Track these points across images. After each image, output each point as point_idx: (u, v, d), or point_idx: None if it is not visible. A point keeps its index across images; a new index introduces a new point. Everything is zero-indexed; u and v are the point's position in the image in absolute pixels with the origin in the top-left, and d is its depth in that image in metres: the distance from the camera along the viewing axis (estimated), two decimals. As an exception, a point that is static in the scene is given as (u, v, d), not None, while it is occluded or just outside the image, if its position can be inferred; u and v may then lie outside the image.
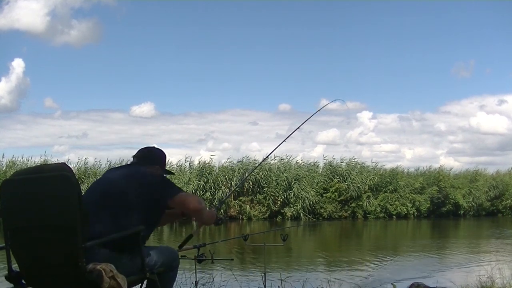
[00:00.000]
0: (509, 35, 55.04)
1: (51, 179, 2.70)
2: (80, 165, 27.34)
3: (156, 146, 3.85)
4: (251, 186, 27.33)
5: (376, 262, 12.34)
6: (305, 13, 49.76)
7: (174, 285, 6.08)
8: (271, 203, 27.21)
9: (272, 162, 29.39)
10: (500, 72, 50.56)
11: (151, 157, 3.66)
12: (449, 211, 31.57)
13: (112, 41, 47.85)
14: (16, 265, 2.86)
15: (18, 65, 39.88)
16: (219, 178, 26.88)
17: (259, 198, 27.39)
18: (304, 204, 27.19)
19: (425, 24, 50.99)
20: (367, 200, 29.14)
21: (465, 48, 49.04)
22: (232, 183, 26.90)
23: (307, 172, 29.19)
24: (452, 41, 49.09)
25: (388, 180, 30.48)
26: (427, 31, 50.48)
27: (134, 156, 3.65)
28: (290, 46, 51.75)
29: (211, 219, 3.65)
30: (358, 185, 28.98)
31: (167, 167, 3.82)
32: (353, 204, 28.92)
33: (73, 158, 34.81)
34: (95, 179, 3.50)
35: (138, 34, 49.77)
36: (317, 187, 28.64)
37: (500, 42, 47.15)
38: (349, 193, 28.71)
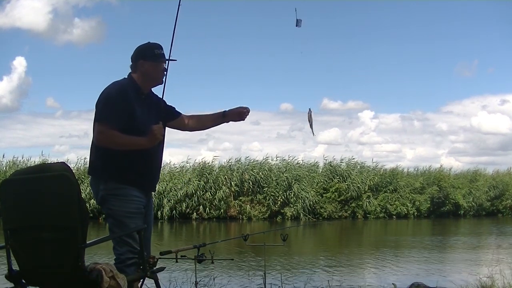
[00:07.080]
0: (513, 35, 55.02)
1: (51, 179, 2.70)
2: (79, 165, 27.28)
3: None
4: (251, 186, 27.33)
5: (376, 262, 12.34)
6: (306, 13, 49.55)
7: (174, 285, 6.07)
8: (271, 203, 27.20)
9: (272, 162, 29.48)
10: (502, 72, 50.23)
11: (132, 58, 3.56)
12: (449, 211, 31.52)
13: (114, 41, 47.55)
14: (16, 264, 2.86)
15: (19, 64, 39.61)
16: (219, 178, 26.87)
17: (259, 198, 27.37)
18: (304, 204, 27.17)
19: (428, 24, 50.83)
20: (367, 200, 29.11)
21: (469, 48, 48.75)
22: (232, 183, 26.91)
23: (307, 172, 29.17)
24: (456, 41, 48.80)
25: (388, 180, 30.45)
26: (430, 31, 50.28)
27: None
28: (291, 45, 51.62)
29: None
30: (358, 185, 28.95)
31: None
32: (353, 204, 28.90)
33: (72, 158, 34.80)
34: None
35: (141, 33, 49.59)
36: (317, 187, 28.63)
37: (503, 41, 46.92)
38: (349, 193, 28.68)
